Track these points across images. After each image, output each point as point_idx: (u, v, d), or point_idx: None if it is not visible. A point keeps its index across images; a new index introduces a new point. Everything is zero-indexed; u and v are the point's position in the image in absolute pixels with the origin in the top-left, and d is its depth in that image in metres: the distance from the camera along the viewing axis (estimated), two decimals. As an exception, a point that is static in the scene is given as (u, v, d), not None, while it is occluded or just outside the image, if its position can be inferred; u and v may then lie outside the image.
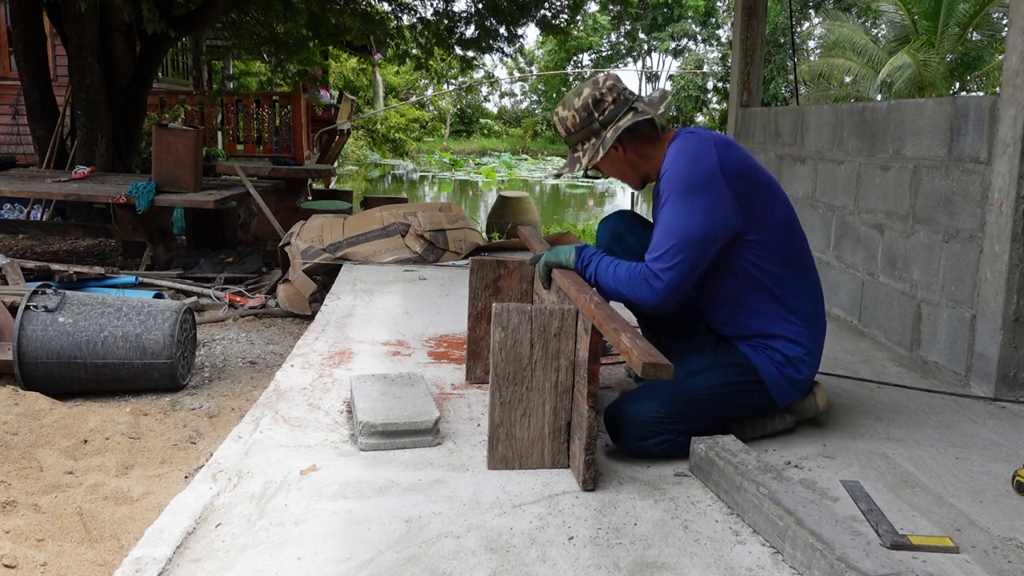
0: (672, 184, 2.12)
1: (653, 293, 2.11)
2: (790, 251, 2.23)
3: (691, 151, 2.13)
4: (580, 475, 1.99)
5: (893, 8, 19.94)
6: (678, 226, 2.09)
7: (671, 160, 2.15)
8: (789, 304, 2.22)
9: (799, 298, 2.24)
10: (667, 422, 2.13)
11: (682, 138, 2.19)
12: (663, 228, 2.12)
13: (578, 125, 2.24)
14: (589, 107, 2.22)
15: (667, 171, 2.15)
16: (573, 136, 2.27)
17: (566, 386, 2.06)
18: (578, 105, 2.23)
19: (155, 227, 6.68)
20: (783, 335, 2.23)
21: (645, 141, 2.25)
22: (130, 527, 2.53)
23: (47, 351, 3.69)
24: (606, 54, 36.53)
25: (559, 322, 2.02)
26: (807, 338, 2.25)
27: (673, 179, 2.12)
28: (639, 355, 1.73)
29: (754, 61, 5.06)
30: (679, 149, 2.15)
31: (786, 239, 2.23)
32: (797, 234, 2.29)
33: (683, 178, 2.10)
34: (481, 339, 2.69)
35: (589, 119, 2.22)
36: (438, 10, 9.90)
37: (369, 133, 25.85)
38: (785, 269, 2.21)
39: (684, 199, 2.09)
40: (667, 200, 2.13)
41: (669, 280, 2.09)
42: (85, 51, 7.79)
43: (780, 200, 2.25)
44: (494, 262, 2.66)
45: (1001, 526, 1.86)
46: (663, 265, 2.09)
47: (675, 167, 2.13)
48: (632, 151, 2.26)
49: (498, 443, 2.07)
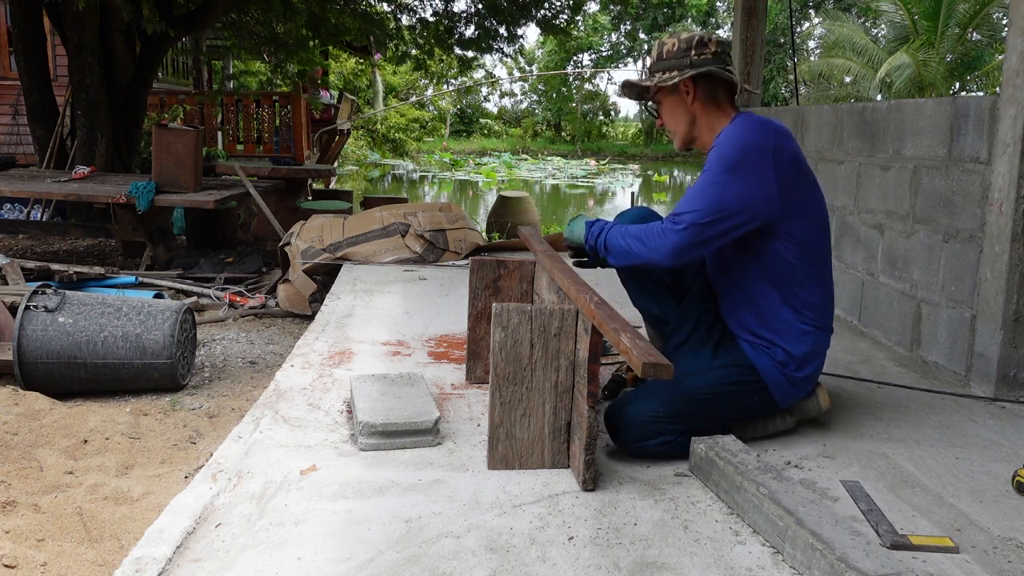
0: (720, 154, 2.12)
1: (665, 241, 2.10)
2: (815, 252, 2.23)
3: (748, 130, 2.14)
4: (580, 475, 1.99)
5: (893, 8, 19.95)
6: (714, 192, 2.09)
7: (728, 133, 2.16)
8: (799, 303, 2.22)
9: (811, 300, 2.23)
10: (667, 422, 2.13)
11: (743, 118, 2.20)
12: (693, 192, 2.12)
13: (673, 53, 2.23)
14: (692, 43, 2.21)
15: (719, 143, 2.15)
16: (662, 62, 2.25)
17: (566, 386, 2.05)
18: (683, 36, 2.24)
19: (155, 227, 6.68)
20: (787, 334, 2.22)
21: (715, 104, 2.25)
22: (130, 527, 2.53)
23: (47, 351, 3.70)
24: (606, 54, 36.54)
25: (559, 322, 2.02)
26: (811, 339, 2.24)
27: (723, 150, 2.12)
28: (639, 355, 1.73)
29: (754, 61, 5.06)
30: (737, 126, 2.17)
31: (814, 240, 2.23)
32: (825, 239, 2.29)
33: (734, 151, 2.10)
34: (481, 339, 2.69)
35: (686, 52, 2.21)
36: (437, 10, 9.89)
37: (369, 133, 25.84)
38: (805, 267, 2.20)
39: (729, 171, 2.09)
40: (708, 170, 2.13)
41: (684, 232, 2.08)
42: (85, 51, 7.79)
43: (819, 201, 2.26)
44: (494, 262, 2.66)
45: (1001, 526, 1.86)
46: (685, 217, 2.08)
47: (728, 140, 2.14)
48: (699, 103, 2.25)
49: (498, 443, 2.07)
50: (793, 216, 2.15)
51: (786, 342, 2.22)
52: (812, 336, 2.24)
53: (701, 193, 2.10)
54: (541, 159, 31.64)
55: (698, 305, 2.37)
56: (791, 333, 2.22)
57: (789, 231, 2.16)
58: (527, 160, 30.82)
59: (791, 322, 2.22)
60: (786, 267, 2.19)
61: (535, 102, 39.62)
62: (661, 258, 2.13)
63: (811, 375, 2.28)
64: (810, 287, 2.22)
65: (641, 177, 26.09)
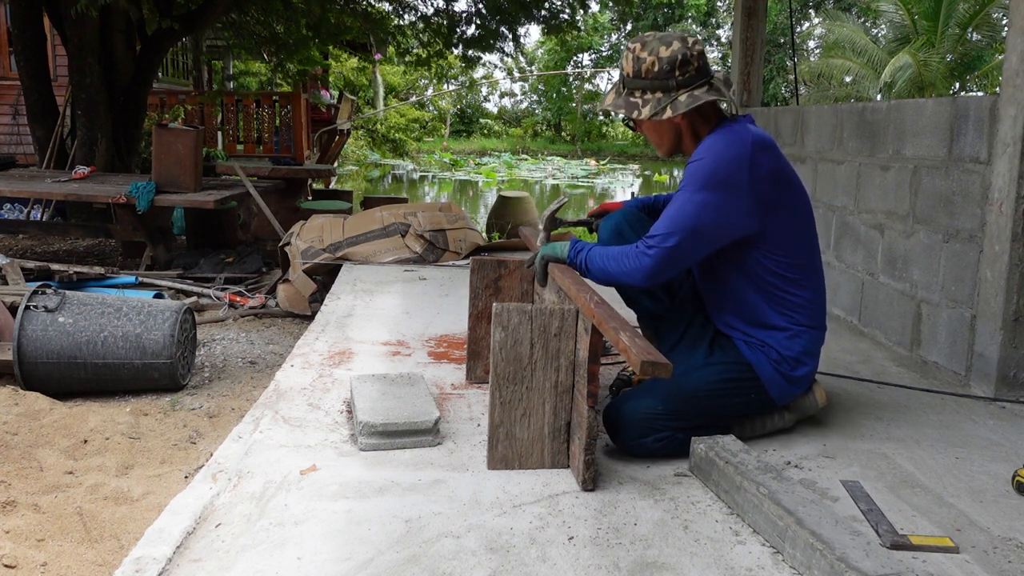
0: (694, 173, 2.11)
1: (637, 264, 2.11)
2: (797, 259, 2.23)
3: (724, 145, 2.11)
4: (580, 475, 1.99)
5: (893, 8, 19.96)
6: (686, 213, 2.09)
7: (704, 148, 2.13)
8: (786, 307, 2.22)
9: (797, 302, 2.23)
10: (664, 419, 2.13)
11: (723, 131, 2.16)
12: (670, 212, 2.11)
13: (654, 74, 2.16)
14: (675, 63, 2.14)
15: (696, 159, 2.13)
16: (641, 80, 2.18)
17: (566, 386, 2.05)
18: (663, 55, 2.15)
19: (155, 227, 6.68)
20: (776, 335, 2.22)
21: (703, 118, 2.23)
22: (130, 527, 2.53)
23: (47, 351, 3.70)
24: (606, 54, 36.53)
25: (559, 322, 2.02)
26: (802, 339, 2.24)
27: (698, 169, 2.10)
28: (638, 353, 1.73)
29: (754, 61, 5.06)
30: (715, 140, 2.13)
31: (798, 246, 2.23)
32: (811, 243, 2.29)
33: (707, 170, 2.09)
34: (481, 339, 2.69)
35: (669, 74, 2.15)
36: (439, 9, 9.89)
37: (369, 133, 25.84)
38: (788, 273, 2.20)
39: (702, 191, 2.08)
40: (684, 187, 2.12)
41: (655, 256, 2.09)
42: (85, 51, 7.79)
43: (803, 209, 2.25)
44: (495, 262, 2.66)
45: (1001, 526, 1.86)
46: (654, 243, 2.10)
47: (704, 157, 2.11)
48: (687, 121, 2.22)
49: (498, 443, 2.07)
50: (773, 228, 2.15)
51: (778, 343, 2.23)
52: (803, 336, 2.24)
53: (678, 213, 2.10)
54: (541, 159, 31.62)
55: (691, 304, 2.38)
56: (780, 335, 2.23)
57: (770, 242, 2.17)
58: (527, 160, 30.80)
59: (779, 325, 2.23)
60: (768, 274, 2.20)
61: (535, 102, 39.61)
62: (637, 280, 2.15)
63: (807, 373, 2.28)
64: (795, 290, 2.23)
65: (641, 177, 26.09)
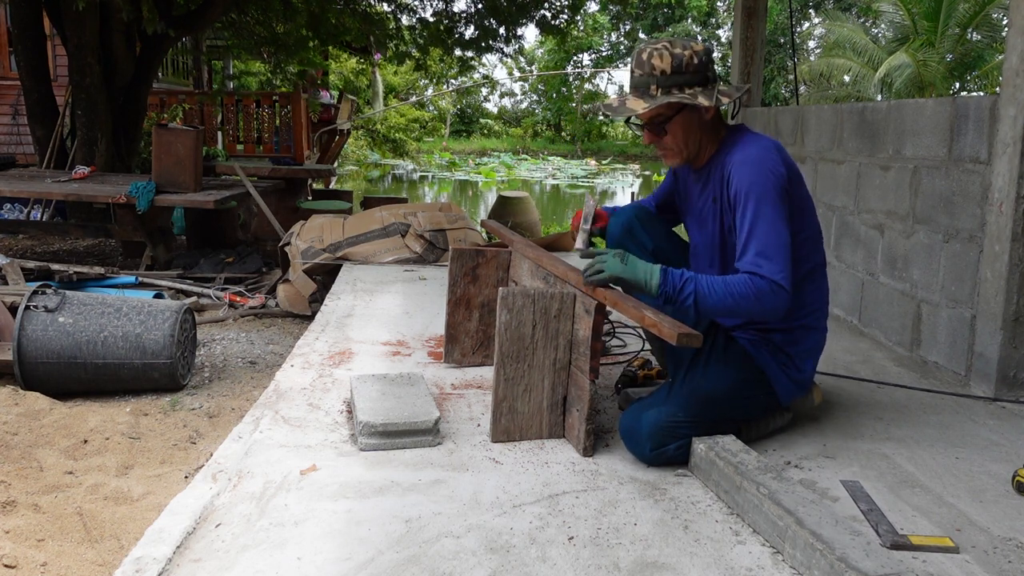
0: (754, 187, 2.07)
1: (781, 301, 2.04)
2: (810, 259, 2.24)
3: (766, 156, 2.10)
4: (580, 443, 2.15)
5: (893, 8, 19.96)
6: (779, 232, 2.05)
7: (747, 163, 2.09)
8: (796, 305, 2.21)
9: (807, 301, 2.25)
10: (685, 426, 2.11)
11: (752, 140, 2.15)
12: (766, 235, 2.05)
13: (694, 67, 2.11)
14: (710, 55, 2.13)
15: (744, 175, 2.09)
16: (682, 76, 2.12)
17: (563, 363, 2.22)
18: (699, 49, 2.13)
19: (155, 227, 6.68)
20: (786, 334, 2.23)
21: (715, 123, 2.22)
22: (130, 527, 2.53)
23: (47, 351, 3.70)
24: (606, 54, 36.52)
25: (559, 304, 2.18)
26: (809, 339, 2.27)
27: (757, 183, 2.07)
28: (670, 327, 1.84)
29: (754, 61, 5.06)
30: (753, 154, 2.11)
31: (811, 247, 2.24)
32: (819, 244, 2.30)
33: (768, 184, 2.07)
34: (459, 324, 2.85)
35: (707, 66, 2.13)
36: (437, 10, 9.89)
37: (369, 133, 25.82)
38: (801, 273, 2.20)
39: (775, 205, 2.06)
40: (757, 205, 2.06)
41: (788, 286, 2.04)
42: (85, 51, 7.79)
43: (812, 210, 2.27)
44: (473, 251, 2.81)
45: (1001, 526, 1.86)
46: (781, 272, 2.03)
47: (756, 171, 2.08)
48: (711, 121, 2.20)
49: (501, 416, 2.22)
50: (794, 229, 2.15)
51: (784, 344, 2.24)
52: (809, 337, 2.27)
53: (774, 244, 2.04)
54: (541, 159, 31.64)
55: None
56: (787, 336, 2.24)
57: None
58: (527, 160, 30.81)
59: (787, 327, 2.23)
60: None
61: (535, 102, 39.60)
62: (780, 314, 2.09)
63: (810, 374, 2.31)
64: (805, 290, 2.24)
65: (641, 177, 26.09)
